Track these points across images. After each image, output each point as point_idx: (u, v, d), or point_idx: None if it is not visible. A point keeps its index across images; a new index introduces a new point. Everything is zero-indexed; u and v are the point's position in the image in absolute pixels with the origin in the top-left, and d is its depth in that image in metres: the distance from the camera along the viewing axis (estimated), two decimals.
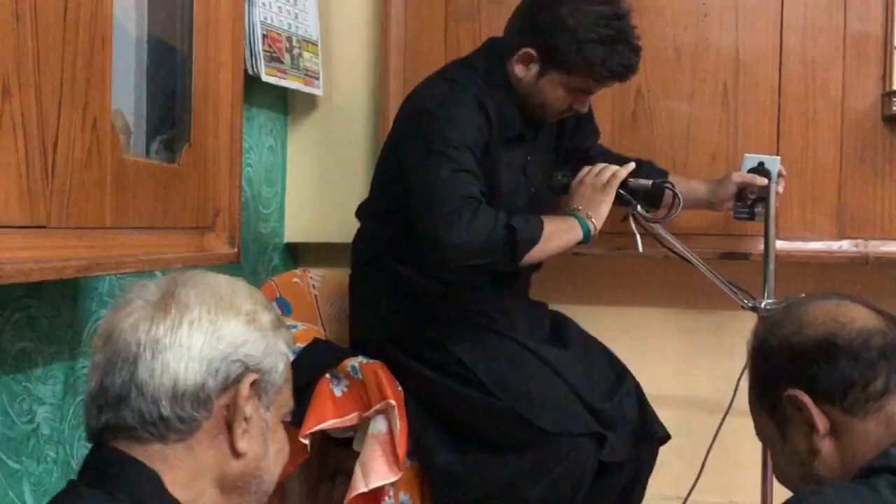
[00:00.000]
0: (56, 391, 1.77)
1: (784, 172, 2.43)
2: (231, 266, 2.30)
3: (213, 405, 1.09)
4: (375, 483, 2.08)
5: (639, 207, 2.19)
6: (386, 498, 2.11)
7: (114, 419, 1.09)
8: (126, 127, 1.92)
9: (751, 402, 1.30)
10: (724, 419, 2.29)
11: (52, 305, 1.76)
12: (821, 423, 1.18)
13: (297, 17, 2.70)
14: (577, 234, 2.11)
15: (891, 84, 2.62)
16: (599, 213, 2.12)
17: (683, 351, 2.85)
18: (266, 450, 1.15)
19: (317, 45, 2.81)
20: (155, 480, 1.07)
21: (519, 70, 2.17)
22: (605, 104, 2.74)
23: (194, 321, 1.10)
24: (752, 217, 2.40)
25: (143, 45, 2.06)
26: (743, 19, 2.71)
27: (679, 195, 2.19)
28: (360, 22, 2.87)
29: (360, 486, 2.08)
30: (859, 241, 2.66)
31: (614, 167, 2.17)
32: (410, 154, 2.12)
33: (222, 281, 1.17)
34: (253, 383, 1.11)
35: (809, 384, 1.18)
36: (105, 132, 1.59)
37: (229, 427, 1.10)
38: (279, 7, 2.60)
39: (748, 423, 1.29)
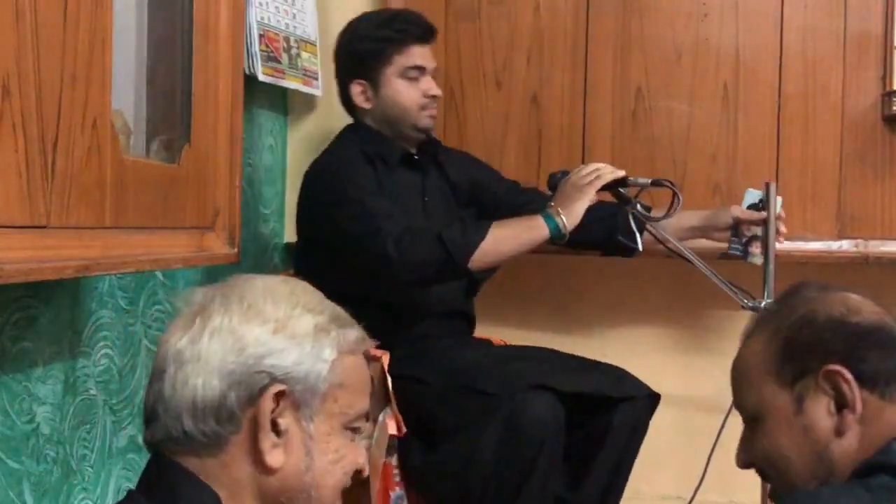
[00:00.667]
0: (56, 391, 1.77)
1: (783, 216, 2.38)
2: (231, 266, 2.30)
3: (239, 419, 1.04)
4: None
5: (638, 206, 2.20)
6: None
7: (149, 433, 1.07)
8: (126, 127, 1.92)
9: (763, 371, 1.26)
10: (726, 419, 2.28)
11: (52, 305, 1.76)
12: (860, 403, 1.18)
13: (294, 17, 2.70)
14: (542, 231, 2.16)
15: (891, 84, 2.62)
16: (573, 210, 2.16)
17: (683, 351, 2.85)
18: (310, 463, 1.07)
19: (315, 46, 2.80)
20: (214, 498, 1.04)
21: (363, 101, 2.38)
22: (605, 104, 2.74)
23: (215, 331, 1.05)
24: (745, 256, 2.37)
25: (143, 45, 2.06)
26: (743, 19, 2.71)
27: (678, 193, 2.20)
28: None
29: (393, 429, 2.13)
30: (859, 241, 2.66)
31: (605, 168, 2.20)
32: (326, 211, 2.27)
33: (259, 285, 1.11)
34: (280, 394, 1.04)
35: (857, 364, 1.19)
36: (105, 132, 1.59)
37: (256, 441, 1.04)
38: (276, 7, 2.60)
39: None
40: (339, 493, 1.11)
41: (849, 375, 1.19)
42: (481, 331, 2.57)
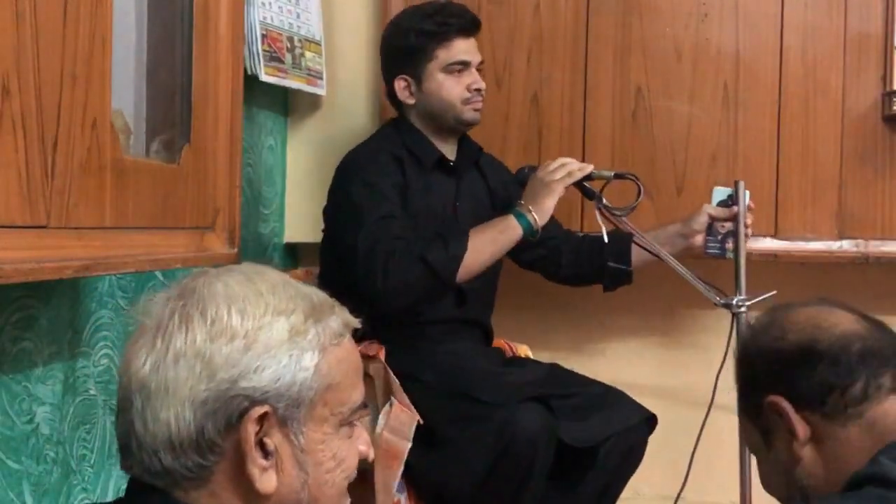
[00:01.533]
0: (56, 391, 1.77)
1: (753, 206, 2.38)
2: None
3: (221, 447, 0.95)
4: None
5: (604, 200, 2.21)
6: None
7: (126, 464, 0.99)
8: (126, 127, 1.92)
9: (738, 410, 1.28)
10: (706, 418, 2.28)
11: (52, 305, 1.76)
12: (801, 429, 1.16)
13: (298, 16, 2.70)
14: (516, 231, 2.18)
15: (891, 84, 2.62)
16: (542, 207, 2.18)
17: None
18: (305, 478, 0.99)
19: (320, 45, 2.80)
20: None
21: (406, 97, 2.37)
22: (606, 104, 2.74)
23: (179, 355, 0.95)
24: (723, 254, 2.38)
25: (143, 45, 2.06)
26: (743, 19, 2.71)
27: (641, 186, 2.22)
28: (362, 21, 2.87)
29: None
30: (859, 241, 2.66)
31: (572, 164, 2.22)
32: (335, 213, 2.32)
33: (221, 292, 0.99)
34: (263, 416, 0.96)
35: (789, 390, 1.17)
36: (105, 132, 1.59)
37: (244, 468, 0.96)
38: (280, 7, 2.60)
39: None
40: (343, 495, 1.05)
41: (784, 404, 1.17)
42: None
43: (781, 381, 1.18)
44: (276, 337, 0.97)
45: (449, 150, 2.41)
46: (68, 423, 1.81)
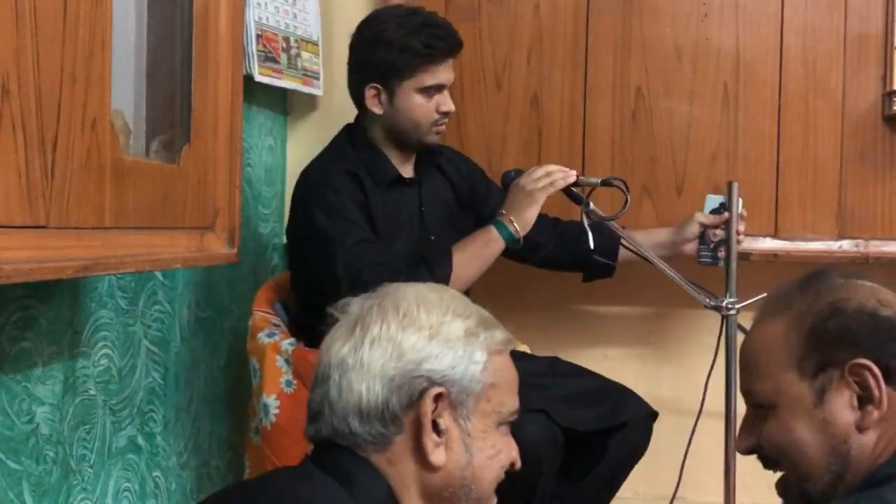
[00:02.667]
0: (55, 391, 1.77)
1: (745, 214, 2.37)
2: (231, 266, 2.30)
3: (402, 421, 1.13)
4: None
5: (591, 205, 2.20)
6: None
7: (313, 429, 1.16)
8: (126, 127, 1.92)
9: (775, 354, 1.22)
10: (698, 418, 2.27)
11: (52, 305, 1.76)
12: (886, 400, 1.15)
13: (295, 16, 2.70)
14: (499, 244, 2.18)
15: (891, 84, 2.62)
16: (523, 217, 2.17)
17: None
18: (470, 459, 1.15)
19: (317, 45, 2.80)
20: (387, 488, 1.13)
21: (375, 107, 2.28)
22: (606, 104, 2.74)
23: (375, 340, 1.13)
24: (715, 262, 2.37)
25: (143, 45, 2.05)
26: (743, 19, 2.71)
27: (628, 194, 2.20)
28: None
29: None
30: (859, 241, 2.66)
31: (556, 173, 2.19)
32: (304, 241, 2.25)
33: (411, 294, 1.18)
34: (438, 396, 1.13)
35: (886, 360, 1.16)
36: (105, 132, 1.59)
37: (420, 441, 1.13)
38: (276, 7, 2.59)
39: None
40: (494, 486, 1.19)
41: (877, 371, 1.15)
42: None
43: (880, 348, 1.16)
44: (455, 332, 1.15)
45: (405, 166, 2.36)
46: (68, 423, 1.81)
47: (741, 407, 2.12)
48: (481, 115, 2.81)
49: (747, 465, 2.26)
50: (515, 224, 2.16)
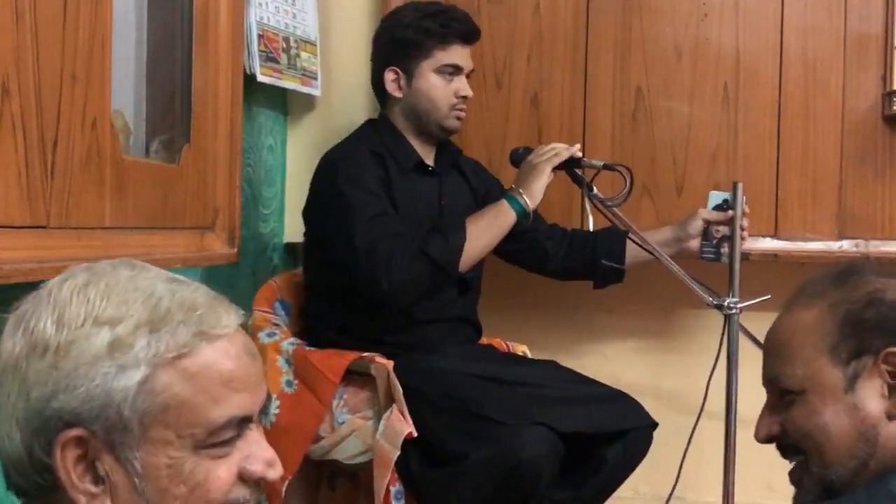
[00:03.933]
0: None
1: (748, 211, 2.37)
2: (231, 266, 2.30)
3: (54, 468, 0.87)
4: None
5: (594, 189, 2.22)
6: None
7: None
8: (126, 127, 1.92)
9: (807, 340, 1.23)
10: (698, 419, 2.27)
11: None
12: None
13: (295, 16, 2.70)
14: (510, 216, 2.22)
15: (891, 84, 2.62)
16: (532, 190, 2.23)
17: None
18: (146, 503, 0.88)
19: (315, 46, 2.80)
20: None
21: (394, 89, 2.33)
22: (606, 104, 2.74)
23: (5, 369, 0.88)
24: (718, 258, 2.38)
25: (143, 45, 2.06)
26: (743, 19, 2.71)
27: (628, 179, 2.22)
28: (359, 22, 2.86)
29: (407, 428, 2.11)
30: (859, 241, 2.66)
31: (560, 147, 2.26)
32: (322, 213, 2.26)
33: (52, 295, 0.91)
34: (80, 439, 0.86)
35: None
36: (105, 132, 1.59)
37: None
38: (276, 7, 2.60)
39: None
40: None
41: None
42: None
43: None
44: (90, 352, 0.86)
45: (427, 155, 2.39)
46: None
47: (742, 407, 2.16)
48: (481, 115, 2.80)
49: (747, 465, 2.29)
50: (525, 197, 2.21)
